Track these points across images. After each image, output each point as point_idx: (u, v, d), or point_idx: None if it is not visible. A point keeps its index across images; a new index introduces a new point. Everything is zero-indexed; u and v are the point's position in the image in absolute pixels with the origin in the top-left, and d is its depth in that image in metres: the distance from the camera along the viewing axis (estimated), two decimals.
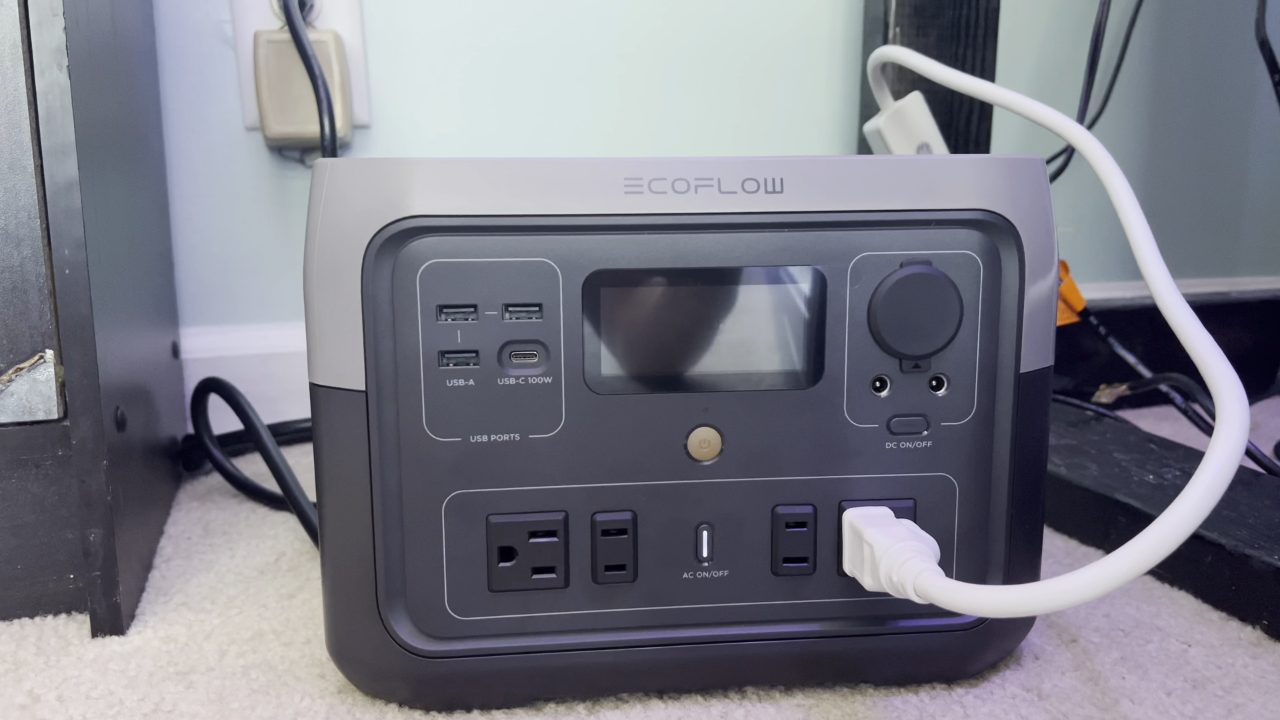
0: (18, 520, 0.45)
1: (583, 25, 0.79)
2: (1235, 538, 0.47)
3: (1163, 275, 0.36)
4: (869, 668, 0.40)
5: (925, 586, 0.33)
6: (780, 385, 0.37)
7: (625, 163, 0.35)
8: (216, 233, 0.75)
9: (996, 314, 0.37)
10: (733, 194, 0.36)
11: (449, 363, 0.35)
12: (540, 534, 0.37)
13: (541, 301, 0.35)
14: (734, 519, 0.37)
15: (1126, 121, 0.93)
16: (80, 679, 0.41)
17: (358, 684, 0.39)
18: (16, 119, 0.42)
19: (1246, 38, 0.94)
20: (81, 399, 0.43)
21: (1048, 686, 0.40)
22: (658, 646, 0.38)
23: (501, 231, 0.35)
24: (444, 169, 0.35)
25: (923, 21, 0.75)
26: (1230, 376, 0.31)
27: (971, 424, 0.38)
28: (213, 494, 0.64)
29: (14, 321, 0.43)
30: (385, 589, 0.36)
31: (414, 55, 0.76)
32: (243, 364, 0.75)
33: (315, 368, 0.36)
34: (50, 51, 0.41)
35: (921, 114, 0.65)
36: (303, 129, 0.71)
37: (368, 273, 0.34)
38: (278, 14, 0.72)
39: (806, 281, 0.36)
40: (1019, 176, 0.37)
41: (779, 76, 0.83)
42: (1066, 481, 0.57)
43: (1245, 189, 0.99)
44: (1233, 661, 0.42)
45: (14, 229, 0.42)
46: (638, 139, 0.81)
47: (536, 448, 0.36)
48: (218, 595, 0.49)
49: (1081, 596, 0.28)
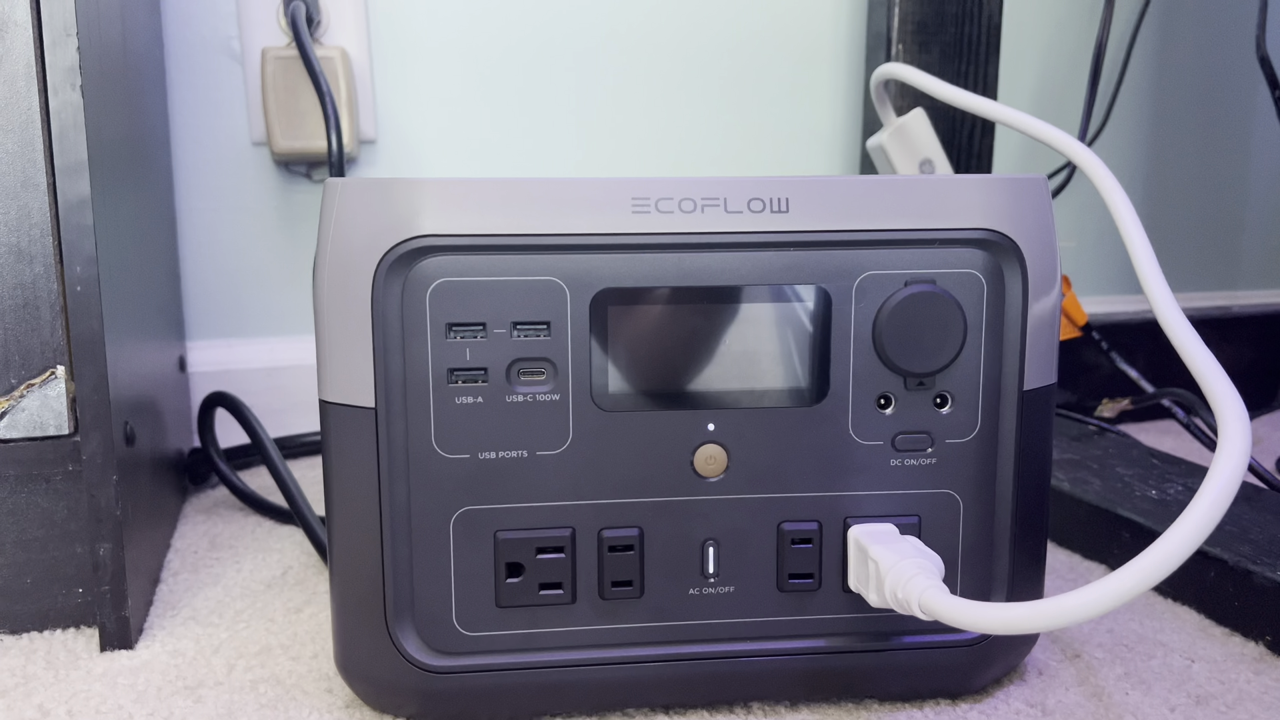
0: (27, 535, 0.46)
1: (586, 41, 0.79)
2: (1238, 553, 0.47)
3: (1163, 291, 0.37)
4: (874, 683, 0.40)
5: (930, 603, 0.33)
6: (786, 403, 0.37)
7: (632, 182, 0.36)
8: (223, 247, 0.76)
9: (1000, 332, 0.38)
10: (739, 213, 0.36)
11: (458, 380, 0.36)
12: (548, 550, 0.37)
13: (549, 320, 0.36)
14: (740, 535, 0.38)
15: (1127, 138, 0.93)
16: (89, 693, 0.41)
17: (365, 699, 0.39)
18: (30, 137, 0.42)
19: (1247, 54, 0.95)
20: (92, 414, 0.43)
21: (1052, 702, 0.40)
22: (664, 662, 0.38)
23: (510, 250, 0.35)
24: (453, 189, 0.35)
25: (925, 38, 0.76)
26: (1231, 393, 0.32)
27: (975, 441, 0.38)
28: (219, 507, 0.64)
29: (26, 337, 0.43)
30: (393, 604, 0.37)
31: (420, 71, 0.77)
32: (249, 378, 0.76)
33: (325, 385, 0.36)
34: (63, 71, 0.42)
35: (924, 130, 0.65)
36: (309, 144, 0.72)
37: (378, 291, 0.35)
38: (285, 30, 0.73)
39: (812, 300, 0.37)
40: (1022, 196, 0.37)
41: (783, 92, 0.84)
42: (1069, 496, 0.57)
43: (1245, 204, 1.00)
44: (1235, 677, 0.42)
45: (26, 246, 0.43)
46: (642, 155, 0.82)
47: (544, 464, 0.37)
48: (225, 609, 0.49)
49: (1086, 614, 0.29)
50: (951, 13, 0.76)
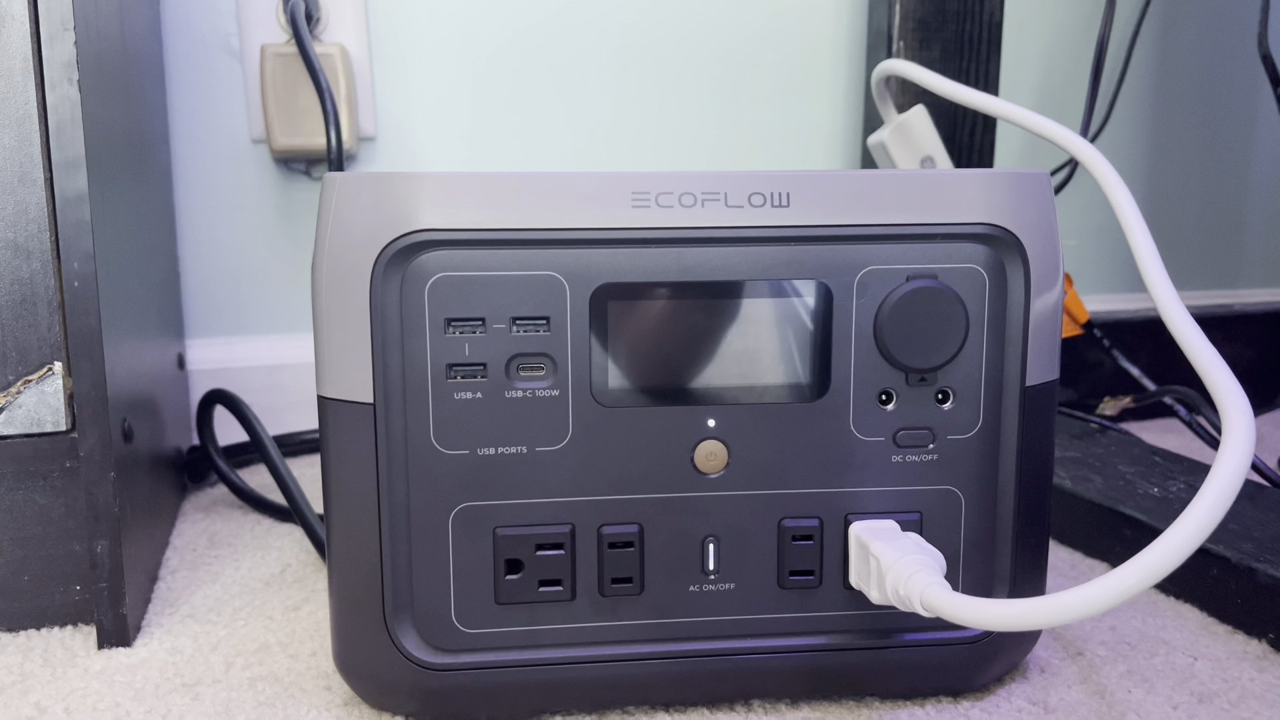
0: (25, 532, 0.45)
1: (587, 37, 0.79)
2: (1241, 551, 0.47)
3: (1167, 288, 0.37)
4: (875, 681, 0.40)
5: (932, 600, 0.33)
6: (786, 398, 0.37)
7: (632, 177, 0.36)
8: (222, 244, 0.76)
9: (1002, 328, 0.37)
10: (739, 208, 0.36)
11: (457, 375, 0.36)
12: (547, 546, 0.37)
13: (549, 315, 0.36)
14: (740, 532, 0.38)
15: (1130, 134, 0.93)
16: (87, 691, 0.41)
17: (364, 697, 0.39)
18: (27, 132, 0.42)
19: (1249, 51, 0.95)
20: (89, 411, 0.43)
21: (1054, 700, 0.40)
22: (664, 659, 0.38)
23: (509, 245, 0.35)
24: (452, 183, 0.35)
25: (926, 35, 0.76)
26: (1235, 390, 0.31)
27: (977, 437, 0.38)
28: (217, 505, 0.64)
29: (23, 334, 0.43)
30: (392, 601, 0.36)
31: (419, 68, 0.77)
32: (248, 375, 0.76)
33: (324, 380, 0.36)
34: (61, 66, 0.41)
35: (925, 127, 0.65)
36: (309, 141, 0.72)
37: (376, 286, 0.35)
38: (284, 27, 0.72)
39: (812, 295, 0.36)
40: (1024, 191, 0.37)
41: (783, 88, 0.83)
42: (1071, 494, 0.57)
43: (1248, 201, 0.99)
44: (1239, 675, 0.42)
45: (24, 242, 0.43)
46: (642, 151, 0.82)
47: (543, 460, 0.36)
48: (223, 607, 0.49)
49: (1089, 611, 0.29)
50: (953, 10, 0.76)
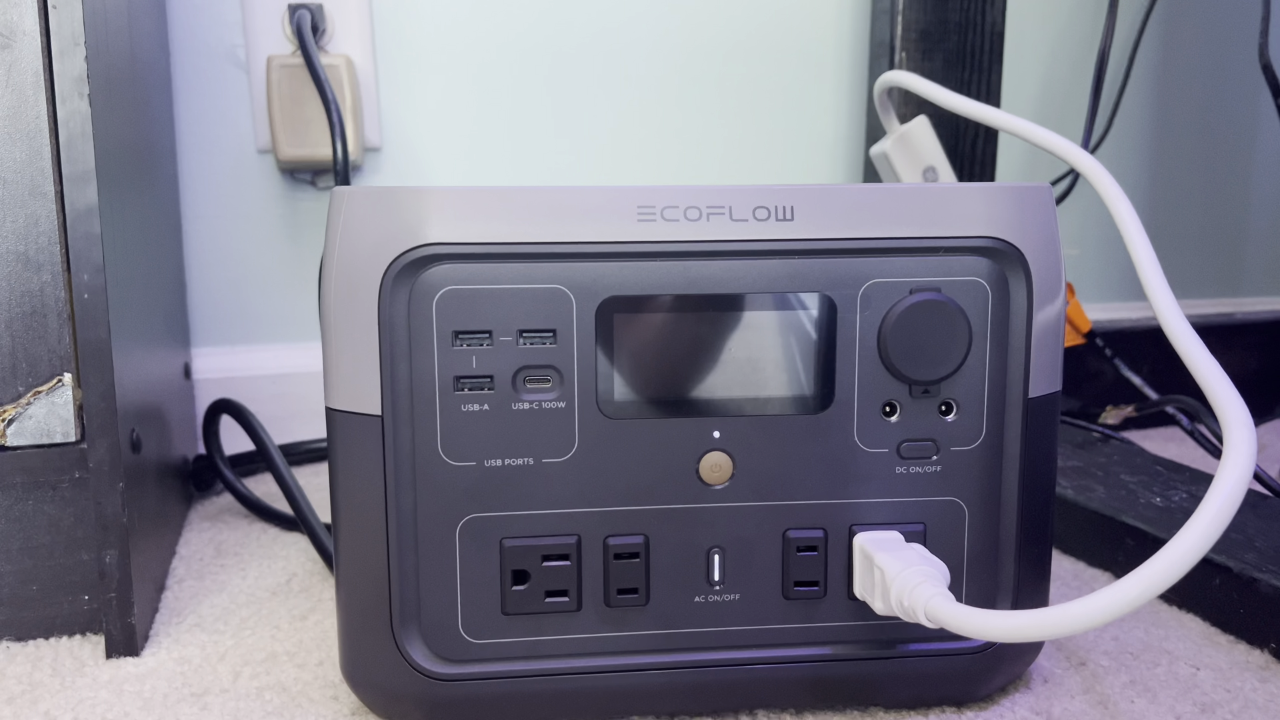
0: (34, 542, 0.46)
1: (590, 48, 0.79)
2: (1243, 561, 0.47)
3: (1167, 299, 0.37)
4: (879, 691, 0.40)
5: (936, 611, 0.33)
6: (791, 410, 0.37)
7: (638, 191, 0.36)
8: (228, 254, 0.76)
9: (1005, 340, 0.38)
10: (744, 221, 0.36)
11: (464, 388, 0.36)
12: (553, 557, 0.37)
13: (555, 327, 0.36)
14: (745, 543, 0.38)
15: (1131, 145, 0.94)
16: (95, 700, 0.41)
17: (371, 706, 0.39)
18: (38, 146, 0.43)
19: (1249, 61, 0.95)
20: (99, 421, 0.43)
21: (1057, 710, 0.40)
22: (669, 670, 0.38)
23: (516, 259, 0.35)
24: (459, 197, 0.35)
25: (928, 46, 0.76)
26: (1236, 401, 0.32)
27: (981, 449, 0.38)
28: (224, 514, 0.64)
29: (33, 345, 0.44)
30: (399, 612, 0.37)
31: (424, 79, 0.77)
32: (254, 384, 0.76)
33: (332, 392, 0.36)
34: (72, 80, 0.42)
35: (927, 137, 0.66)
36: (314, 152, 0.72)
37: (384, 299, 0.35)
38: (290, 39, 0.73)
39: (817, 308, 0.37)
40: (1027, 204, 0.37)
41: (786, 99, 0.84)
42: (1073, 504, 0.57)
43: (1249, 211, 1.00)
44: (1241, 685, 0.42)
45: (34, 254, 0.43)
46: (646, 162, 0.82)
47: (550, 472, 0.37)
48: (231, 616, 0.49)
49: (1092, 622, 0.29)
50: (954, 21, 0.76)
